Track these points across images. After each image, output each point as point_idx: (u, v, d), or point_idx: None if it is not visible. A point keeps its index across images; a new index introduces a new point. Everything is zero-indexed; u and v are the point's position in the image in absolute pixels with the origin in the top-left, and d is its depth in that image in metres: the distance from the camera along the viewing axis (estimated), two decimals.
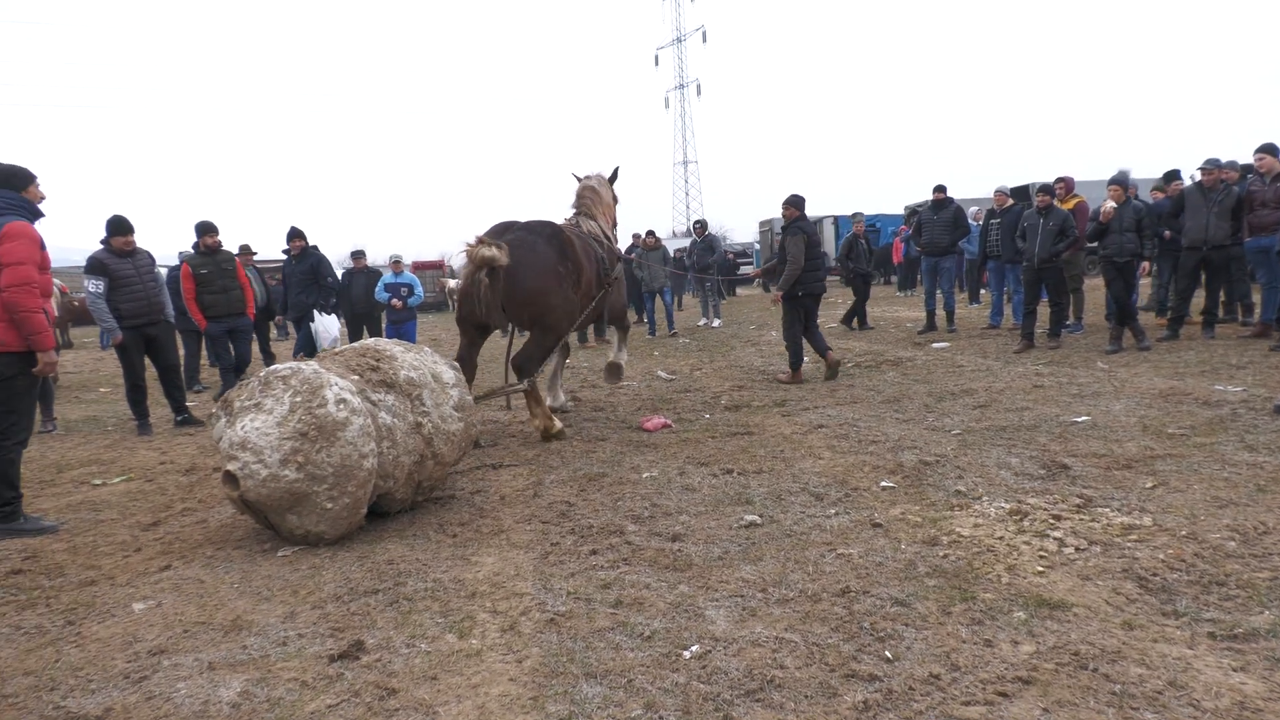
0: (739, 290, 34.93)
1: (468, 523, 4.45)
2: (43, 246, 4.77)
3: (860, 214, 15.10)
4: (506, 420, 7.40)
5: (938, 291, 12.41)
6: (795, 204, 8.77)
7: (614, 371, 7.64)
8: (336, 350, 4.84)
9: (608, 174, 7.90)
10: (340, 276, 12.83)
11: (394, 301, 11.44)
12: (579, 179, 7.70)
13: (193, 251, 8.87)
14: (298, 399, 4.10)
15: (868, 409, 6.86)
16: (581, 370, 10.75)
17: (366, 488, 4.19)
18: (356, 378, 4.46)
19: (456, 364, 5.20)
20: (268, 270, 22.04)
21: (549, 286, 6.27)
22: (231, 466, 4.05)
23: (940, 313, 12.58)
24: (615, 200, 7.92)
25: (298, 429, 4.03)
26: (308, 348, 10.10)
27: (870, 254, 13.85)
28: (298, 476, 4.01)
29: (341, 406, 4.11)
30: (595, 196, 7.60)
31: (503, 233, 6.35)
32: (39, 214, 4.90)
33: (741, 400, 7.73)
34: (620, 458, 5.71)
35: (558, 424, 6.52)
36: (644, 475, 5.17)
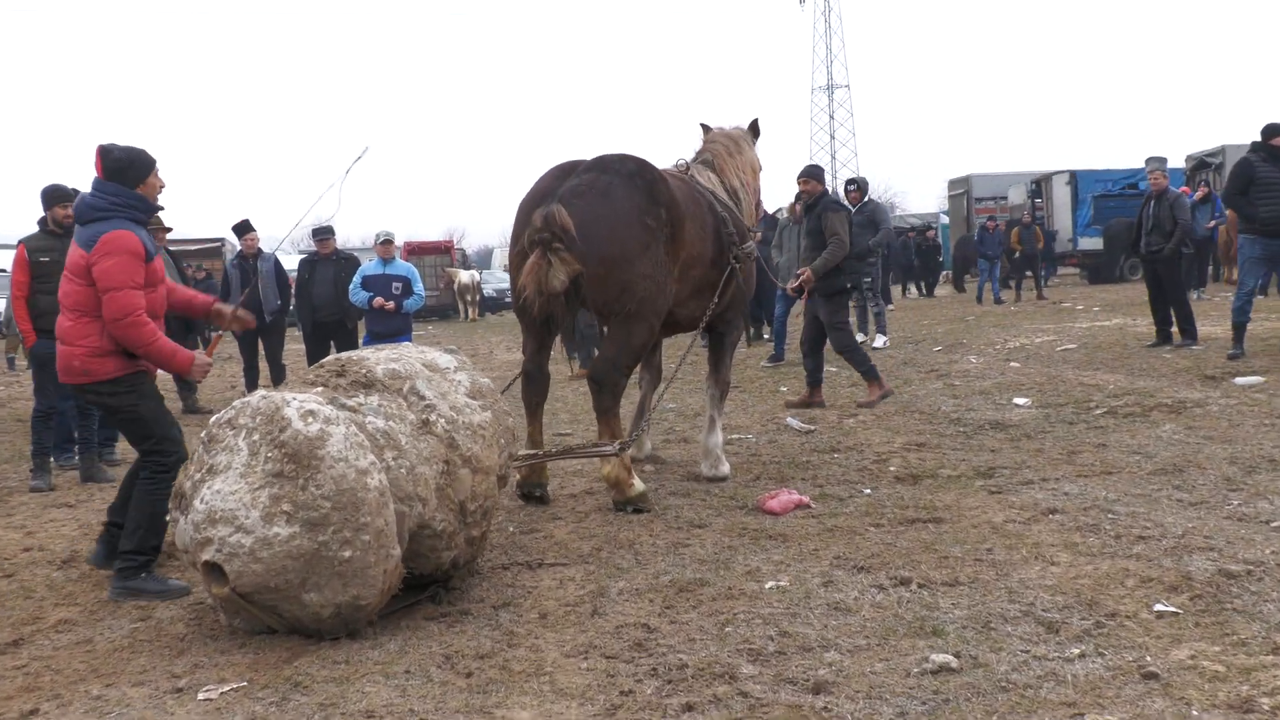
0: (912, 289, 34.69)
1: (490, 655, 4.47)
2: (148, 256, 5.71)
3: (1159, 161, 14.55)
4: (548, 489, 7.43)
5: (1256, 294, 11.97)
6: (817, 175, 11.01)
7: (710, 460, 7.71)
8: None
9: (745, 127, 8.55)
10: (298, 266, 13.12)
11: (378, 300, 11.60)
12: (708, 129, 8.37)
13: (38, 229, 8.94)
14: (255, 436, 4.59)
15: (1130, 483, 6.73)
16: (666, 416, 10.75)
17: (384, 514, 4.58)
18: (320, 389, 5.01)
19: (454, 348, 5.77)
20: (189, 256, 22.64)
21: (629, 249, 6.47)
22: (207, 555, 4.50)
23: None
24: (758, 167, 8.55)
25: (268, 470, 4.49)
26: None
27: (1174, 226, 13.35)
28: (293, 531, 4.42)
29: (310, 420, 4.63)
30: (732, 148, 8.19)
31: (562, 178, 6.69)
32: (153, 209, 5.97)
33: (922, 467, 7.65)
34: (728, 556, 5.69)
35: (639, 484, 6.68)
36: (766, 585, 5.15)
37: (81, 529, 7.23)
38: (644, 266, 6.55)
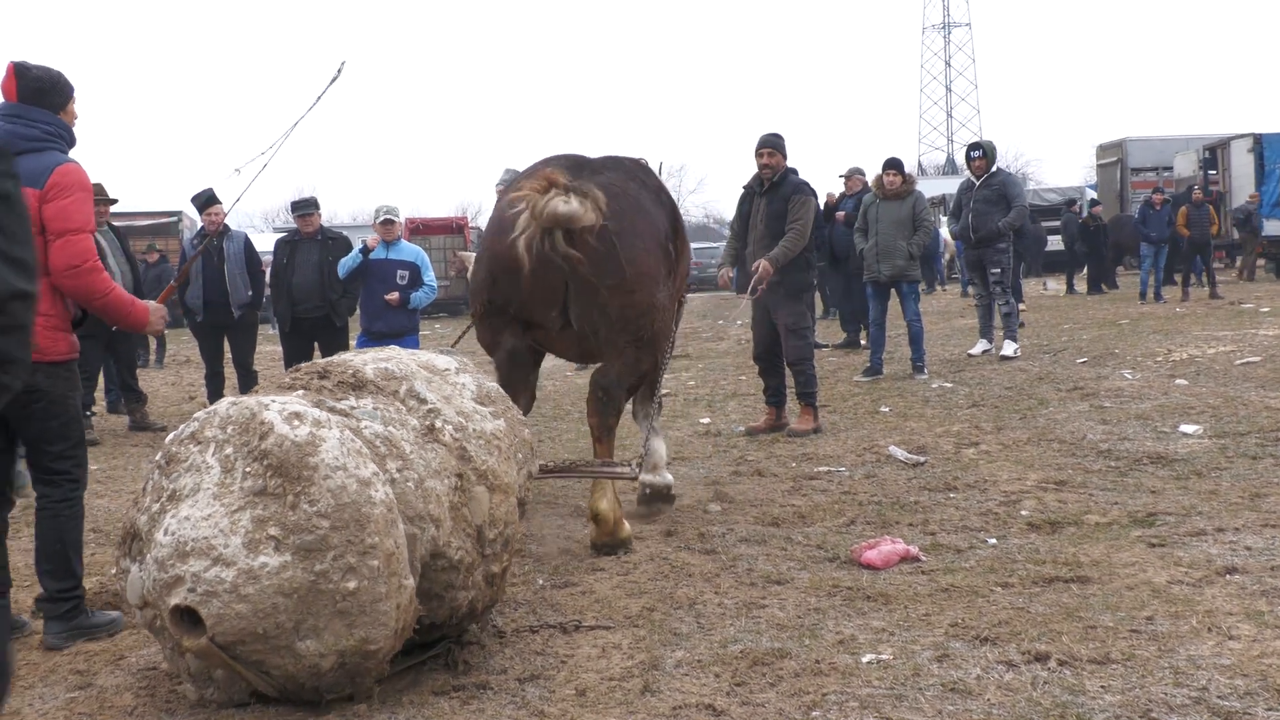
0: (1050, 283, 34.50)
1: None
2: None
3: None
4: (577, 528, 7.44)
5: None
6: (779, 147, 11.05)
7: (656, 497, 8.06)
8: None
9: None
10: (275, 249, 13.20)
11: (393, 297, 11.62)
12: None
13: None
14: (227, 449, 4.60)
15: None
16: (736, 444, 10.75)
17: (394, 534, 4.58)
18: (301, 391, 5.08)
19: (450, 348, 5.97)
20: (138, 234, 22.86)
21: (656, 272, 6.91)
22: (177, 598, 4.43)
23: None
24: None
25: (249, 488, 4.49)
26: None
27: None
28: (284, 560, 4.39)
29: (296, 423, 4.66)
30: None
31: (575, 172, 6.87)
32: (75, 143, 6.18)
33: (1063, 511, 7.63)
34: (815, 621, 5.70)
35: (626, 527, 7.00)
36: (864, 659, 5.14)
37: None
38: (661, 295, 6.91)
